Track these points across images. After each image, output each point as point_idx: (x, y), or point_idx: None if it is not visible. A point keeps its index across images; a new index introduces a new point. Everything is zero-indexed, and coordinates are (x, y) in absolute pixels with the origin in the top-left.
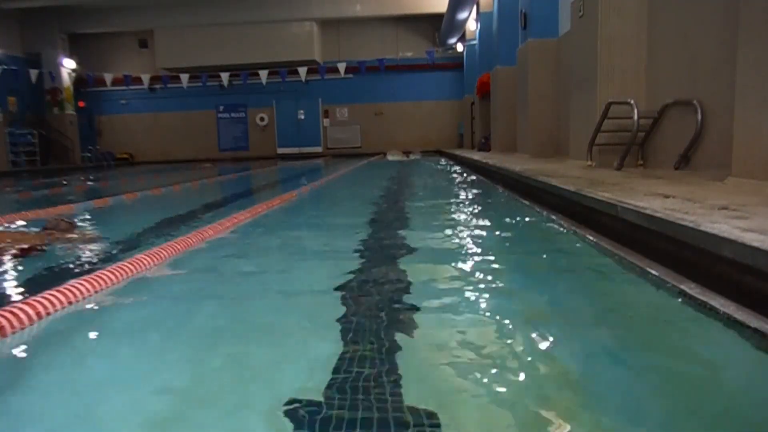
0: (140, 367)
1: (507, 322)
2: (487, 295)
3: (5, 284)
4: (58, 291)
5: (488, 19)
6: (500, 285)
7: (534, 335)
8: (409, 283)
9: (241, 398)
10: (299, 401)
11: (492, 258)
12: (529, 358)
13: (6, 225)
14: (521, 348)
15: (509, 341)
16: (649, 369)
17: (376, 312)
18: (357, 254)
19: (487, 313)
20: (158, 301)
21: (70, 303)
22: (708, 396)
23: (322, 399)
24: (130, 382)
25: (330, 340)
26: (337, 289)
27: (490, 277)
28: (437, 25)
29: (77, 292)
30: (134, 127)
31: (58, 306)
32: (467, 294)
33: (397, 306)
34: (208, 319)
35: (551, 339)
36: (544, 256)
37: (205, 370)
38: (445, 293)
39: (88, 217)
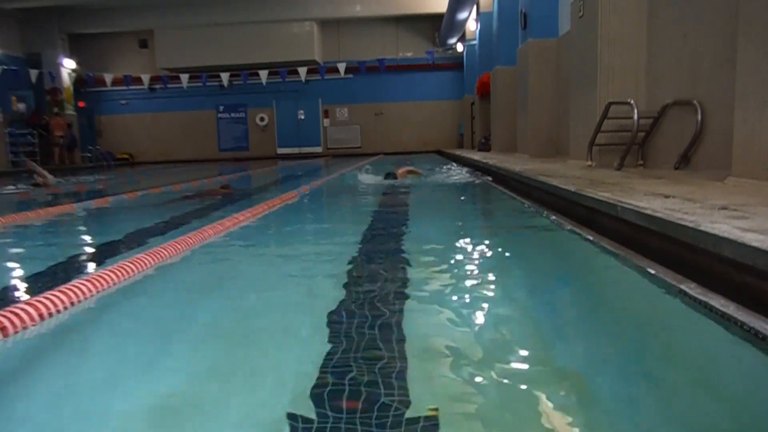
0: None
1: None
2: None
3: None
4: (61, 291)
5: (488, 19)
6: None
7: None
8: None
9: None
10: None
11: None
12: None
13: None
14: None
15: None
16: (649, 372)
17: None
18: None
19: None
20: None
21: (72, 303)
22: (706, 397)
23: None
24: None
25: None
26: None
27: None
28: (437, 25)
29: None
30: (134, 127)
31: (60, 307)
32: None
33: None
34: None
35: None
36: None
37: None
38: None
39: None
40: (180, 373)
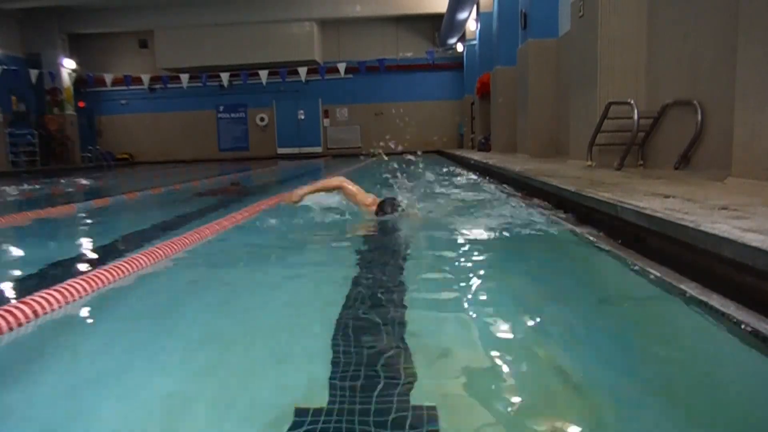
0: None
1: None
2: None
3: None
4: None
5: (488, 19)
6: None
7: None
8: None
9: None
10: None
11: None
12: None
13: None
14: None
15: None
16: (649, 372)
17: None
18: None
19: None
20: None
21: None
22: (706, 397)
23: None
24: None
25: None
26: None
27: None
28: (437, 25)
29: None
30: (134, 127)
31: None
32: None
33: None
34: None
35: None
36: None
37: None
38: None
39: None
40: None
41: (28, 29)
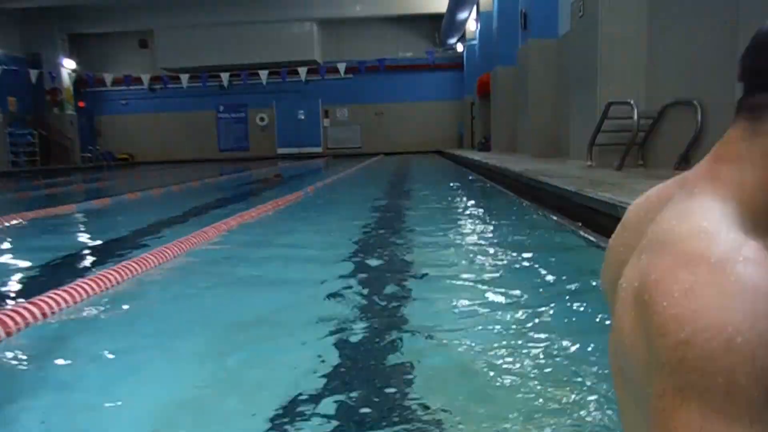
0: None
1: None
2: None
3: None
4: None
5: (488, 19)
6: None
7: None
8: None
9: None
10: None
11: None
12: None
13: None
14: None
15: None
16: None
17: None
18: None
19: None
20: None
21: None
22: None
23: None
24: None
25: None
26: None
27: None
28: (437, 25)
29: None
30: (134, 127)
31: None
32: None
33: None
34: None
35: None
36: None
37: None
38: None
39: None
40: None
41: (28, 29)
